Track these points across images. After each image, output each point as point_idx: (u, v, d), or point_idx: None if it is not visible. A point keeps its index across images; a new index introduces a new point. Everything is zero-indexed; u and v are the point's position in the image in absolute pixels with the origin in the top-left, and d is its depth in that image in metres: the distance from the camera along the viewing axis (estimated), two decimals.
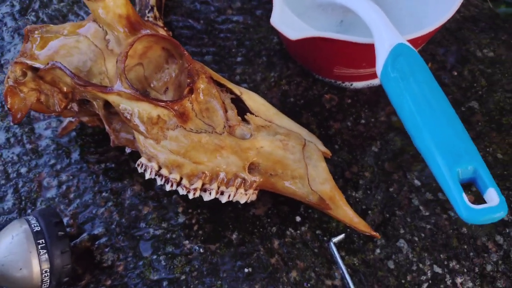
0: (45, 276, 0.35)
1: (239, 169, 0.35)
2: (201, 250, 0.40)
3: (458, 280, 0.39)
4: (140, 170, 0.37)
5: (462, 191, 0.27)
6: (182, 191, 0.35)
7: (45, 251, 0.34)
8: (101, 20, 0.35)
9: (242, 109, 0.37)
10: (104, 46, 0.36)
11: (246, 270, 0.39)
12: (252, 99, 0.38)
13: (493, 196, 0.26)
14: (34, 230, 0.35)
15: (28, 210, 0.42)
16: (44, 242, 0.35)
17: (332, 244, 0.40)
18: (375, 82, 0.48)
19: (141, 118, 0.34)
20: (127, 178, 0.43)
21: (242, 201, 0.36)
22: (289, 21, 0.39)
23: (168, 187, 0.36)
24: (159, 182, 0.36)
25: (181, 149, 0.34)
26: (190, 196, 0.35)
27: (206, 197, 0.35)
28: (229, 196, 0.35)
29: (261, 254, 0.40)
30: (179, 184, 0.35)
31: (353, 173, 0.44)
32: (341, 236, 0.40)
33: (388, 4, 0.48)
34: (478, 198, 0.41)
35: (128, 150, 0.41)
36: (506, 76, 0.49)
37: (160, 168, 0.35)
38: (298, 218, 0.42)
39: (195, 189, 0.35)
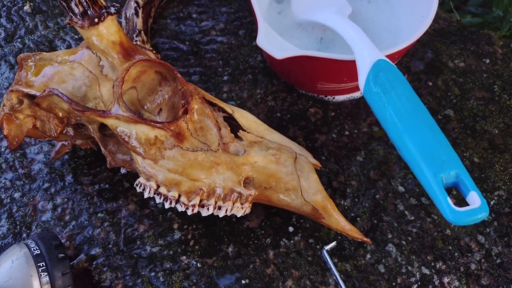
0: None
1: (235, 184, 0.36)
2: (199, 265, 0.41)
3: (445, 280, 0.41)
4: (138, 189, 0.38)
5: (447, 195, 0.29)
6: (181, 208, 0.36)
7: (46, 273, 0.35)
8: (95, 47, 0.36)
9: (235, 127, 0.39)
10: (99, 71, 0.37)
11: (243, 281, 0.40)
12: (243, 117, 0.39)
13: (475, 198, 0.29)
14: (34, 254, 0.35)
15: (23, 235, 0.42)
16: (44, 265, 0.35)
17: (324, 251, 0.42)
18: (355, 95, 0.50)
19: (139, 139, 0.35)
20: (121, 198, 0.44)
21: (239, 215, 0.38)
22: (274, 41, 0.41)
23: (167, 205, 0.37)
24: (158, 200, 0.37)
25: (179, 167, 0.35)
26: (189, 212, 0.37)
27: (204, 213, 0.37)
28: (226, 210, 0.37)
29: (257, 265, 0.41)
30: (177, 201, 0.36)
31: (340, 183, 0.46)
32: (333, 244, 0.42)
33: (365, 21, 0.51)
34: (459, 201, 0.43)
35: (123, 171, 0.42)
36: (477, 85, 0.52)
37: (158, 186, 0.36)
38: (291, 228, 0.43)
39: (193, 206, 0.36)
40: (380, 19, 0.51)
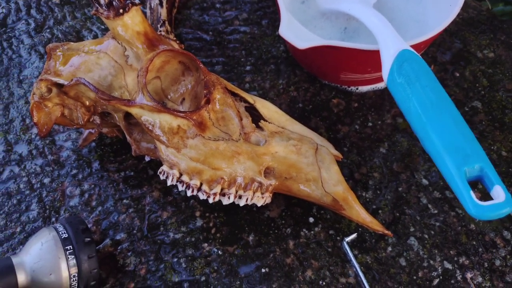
0: (73, 281, 0.36)
1: (256, 173, 0.37)
2: (220, 252, 0.42)
3: (468, 275, 0.40)
4: (162, 177, 0.39)
5: (470, 189, 0.28)
6: (202, 196, 0.37)
7: (73, 256, 0.36)
8: (120, 37, 0.37)
9: (256, 117, 0.39)
10: (124, 61, 0.38)
11: (263, 270, 0.41)
12: (265, 107, 0.39)
13: (499, 192, 0.28)
14: (62, 237, 0.37)
15: (52, 219, 0.44)
16: (71, 248, 0.36)
17: (345, 243, 0.42)
18: (379, 85, 0.50)
19: (163, 128, 0.35)
20: (146, 185, 0.45)
21: (259, 204, 0.38)
22: (296, 31, 0.41)
23: (189, 193, 0.37)
24: (181, 188, 0.38)
25: (201, 156, 0.36)
26: (210, 200, 0.37)
27: (225, 201, 0.37)
28: (247, 199, 0.37)
29: (277, 255, 0.41)
30: (199, 189, 0.37)
31: (363, 174, 0.46)
32: (354, 236, 0.42)
33: (391, 10, 0.50)
34: (484, 195, 0.43)
35: (147, 159, 0.43)
36: (507, 76, 0.51)
37: (181, 175, 0.37)
38: (311, 219, 0.43)
39: (214, 194, 0.37)
40: (407, 8, 0.50)
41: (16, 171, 0.47)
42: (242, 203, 0.38)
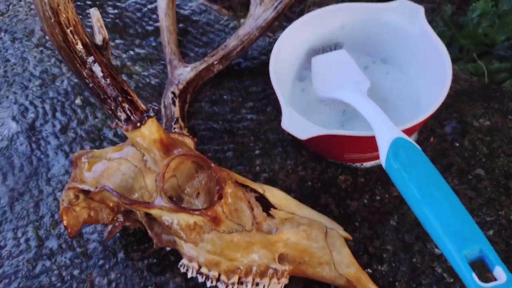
0: None
1: (270, 261, 0.39)
2: None
3: None
4: (182, 270, 0.41)
5: (472, 271, 0.30)
6: (221, 286, 0.39)
7: None
8: (138, 145, 0.41)
9: (266, 205, 0.42)
10: (143, 165, 0.42)
11: None
12: (274, 195, 0.42)
13: (501, 274, 0.29)
14: None
15: None
16: None
17: None
18: None
19: (181, 226, 0.39)
20: (168, 271, 0.47)
21: None
22: (297, 123, 0.45)
23: (209, 284, 0.39)
24: (200, 279, 0.40)
25: (217, 249, 0.39)
26: None
27: None
28: (264, 286, 0.39)
29: None
30: (218, 280, 0.39)
31: (376, 248, 0.47)
32: None
33: (384, 90, 0.54)
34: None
35: (168, 249, 0.46)
36: (505, 142, 0.53)
37: (200, 267, 0.39)
38: None
39: (233, 284, 0.39)
40: (399, 88, 0.54)
41: (47, 264, 0.50)
42: None
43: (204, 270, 0.39)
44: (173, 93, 0.53)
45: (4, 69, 0.69)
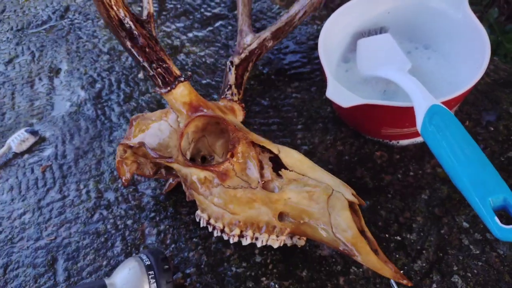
0: None
1: (270, 218, 0.41)
2: (277, 286, 0.47)
3: None
4: (197, 219, 0.46)
5: (494, 215, 0.33)
6: (225, 237, 0.43)
7: (154, 281, 0.43)
8: (173, 107, 0.47)
9: (281, 166, 0.44)
10: (177, 125, 0.47)
11: None
12: (288, 156, 0.43)
13: None
14: (146, 264, 0.44)
15: (133, 254, 0.51)
16: (153, 273, 0.43)
17: (392, 280, 0.45)
18: (418, 140, 0.55)
19: (193, 179, 0.44)
20: None
21: (275, 246, 0.42)
22: (341, 93, 0.49)
23: (215, 233, 0.44)
24: (210, 229, 0.44)
25: (221, 202, 0.42)
26: (231, 241, 0.43)
27: (244, 242, 0.42)
28: (262, 241, 0.42)
29: None
30: (222, 231, 0.43)
31: (406, 218, 0.50)
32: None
33: (425, 74, 0.57)
34: None
35: None
36: None
37: (209, 218, 0.44)
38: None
39: (233, 236, 0.42)
40: (440, 72, 0.57)
41: (104, 214, 0.56)
42: (259, 244, 0.42)
43: (212, 221, 0.43)
44: (231, 62, 0.58)
45: (77, 45, 0.77)
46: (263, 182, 0.43)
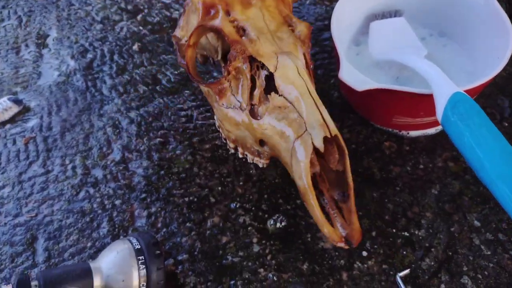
0: None
1: (252, 142, 0.43)
2: (275, 278, 0.43)
3: None
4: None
5: None
6: (228, 147, 0.47)
7: (144, 266, 0.39)
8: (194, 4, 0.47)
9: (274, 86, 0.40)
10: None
11: None
12: (285, 75, 0.39)
13: None
14: (135, 248, 0.40)
15: (121, 237, 0.48)
16: (143, 258, 0.40)
17: (398, 278, 0.43)
18: (430, 131, 0.52)
19: (204, 90, 0.47)
20: (207, 211, 0.49)
21: (260, 165, 0.45)
22: (354, 76, 0.45)
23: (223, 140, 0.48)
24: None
25: (219, 118, 0.45)
26: (231, 151, 0.47)
27: (238, 154, 0.47)
28: (250, 160, 0.45)
29: (330, 285, 0.43)
30: (225, 138, 0.47)
31: (415, 213, 0.47)
32: (407, 271, 0.43)
33: (442, 62, 0.54)
34: None
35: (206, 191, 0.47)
36: None
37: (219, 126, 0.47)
38: (364, 253, 0.45)
39: (229, 147, 0.47)
40: (456, 60, 0.54)
41: (91, 192, 0.52)
42: (249, 160, 0.46)
43: (221, 130, 0.47)
44: None
45: (68, 12, 0.72)
46: (250, 105, 0.41)
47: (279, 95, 0.40)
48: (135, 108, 0.59)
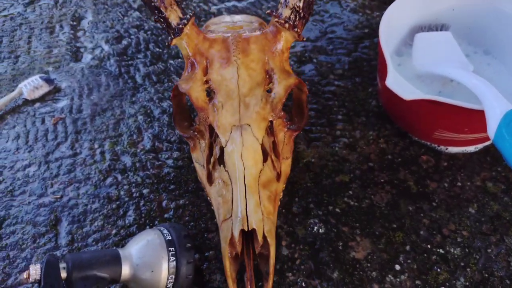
0: (170, 282, 0.38)
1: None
2: (303, 284, 0.42)
3: None
4: None
5: None
6: None
7: (174, 258, 0.38)
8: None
9: None
10: None
11: None
12: (229, 154, 0.40)
13: None
14: (166, 239, 0.39)
15: (147, 227, 0.46)
16: (174, 250, 0.38)
17: None
18: (469, 149, 0.51)
19: None
20: None
21: None
22: (401, 84, 0.44)
23: None
24: None
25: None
26: None
27: None
28: None
29: None
30: None
31: (451, 231, 0.46)
32: None
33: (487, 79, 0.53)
34: None
35: None
36: None
37: None
38: (397, 267, 0.43)
39: None
40: (500, 80, 0.53)
41: (119, 178, 0.50)
42: None
43: None
44: None
45: None
46: (208, 169, 0.43)
47: (226, 170, 0.41)
48: (168, 98, 0.58)
